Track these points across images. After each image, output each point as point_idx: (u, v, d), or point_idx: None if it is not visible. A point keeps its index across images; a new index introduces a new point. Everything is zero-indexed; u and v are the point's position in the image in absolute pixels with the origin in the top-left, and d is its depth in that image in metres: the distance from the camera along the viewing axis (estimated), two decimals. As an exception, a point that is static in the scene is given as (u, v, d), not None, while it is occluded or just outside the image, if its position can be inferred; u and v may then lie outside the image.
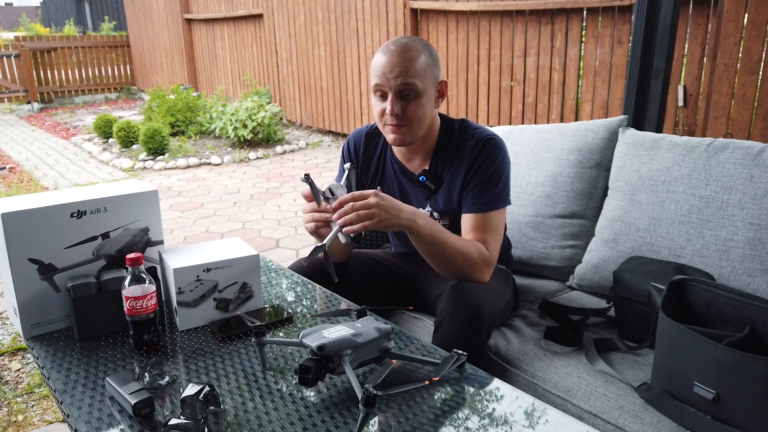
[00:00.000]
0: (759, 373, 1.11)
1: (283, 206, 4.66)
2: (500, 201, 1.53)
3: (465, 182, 1.54)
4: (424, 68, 1.46)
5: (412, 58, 1.45)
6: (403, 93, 1.46)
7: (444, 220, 1.60)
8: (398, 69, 1.43)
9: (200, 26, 9.38)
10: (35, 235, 1.26)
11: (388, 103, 1.46)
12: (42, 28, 17.88)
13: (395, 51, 1.45)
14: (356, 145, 1.71)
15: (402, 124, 1.48)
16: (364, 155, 1.70)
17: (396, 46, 1.46)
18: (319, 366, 1.03)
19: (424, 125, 1.52)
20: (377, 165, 1.69)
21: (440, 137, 1.59)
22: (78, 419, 1.02)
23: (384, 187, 1.68)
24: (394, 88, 1.45)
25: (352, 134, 1.73)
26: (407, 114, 1.47)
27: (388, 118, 1.48)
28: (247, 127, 6.47)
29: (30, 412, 2.12)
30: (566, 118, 4.55)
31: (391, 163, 1.66)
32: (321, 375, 1.04)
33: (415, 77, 1.44)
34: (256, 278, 1.38)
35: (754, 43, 3.44)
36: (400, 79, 1.44)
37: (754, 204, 1.53)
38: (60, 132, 8.32)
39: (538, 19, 4.56)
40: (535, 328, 1.61)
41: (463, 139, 1.56)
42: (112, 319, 1.28)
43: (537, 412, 1.02)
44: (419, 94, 1.46)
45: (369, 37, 6.13)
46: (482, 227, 1.51)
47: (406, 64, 1.44)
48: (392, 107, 1.45)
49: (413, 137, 1.51)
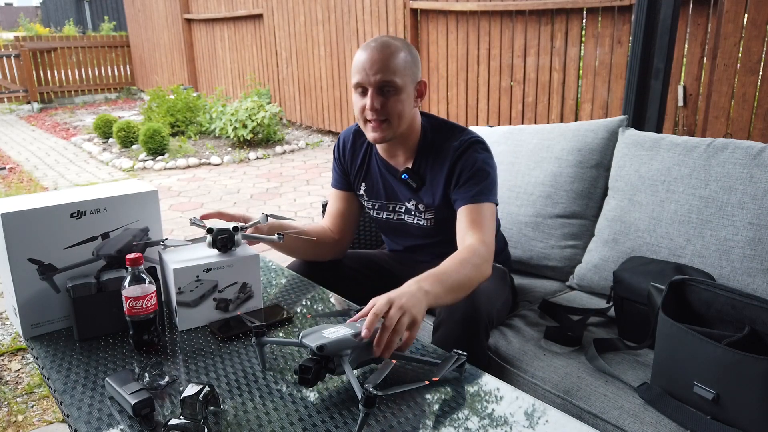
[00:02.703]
0: (759, 373, 1.11)
1: (283, 206, 4.66)
2: (490, 195, 1.52)
3: (448, 181, 1.55)
4: (403, 66, 1.48)
5: (392, 55, 1.46)
6: (383, 89, 1.47)
7: (429, 213, 1.62)
8: (378, 65, 1.45)
9: (200, 26, 9.38)
10: (35, 235, 1.26)
11: (368, 98, 1.48)
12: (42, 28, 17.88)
13: (375, 48, 1.47)
14: (345, 141, 1.73)
15: (382, 119, 1.49)
16: (351, 151, 1.71)
17: (376, 43, 1.48)
18: (319, 366, 1.03)
19: (403, 122, 1.52)
20: (362, 161, 1.70)
21: (423, 136, 1.60)
22: (78, 419, 1.02)
23: (369, 183, 1.69)
24: (374, 84, 1.46)
25: (344, 131, 1.75)
26: (387, 109, 1.48)
27: (368, 114, 1.49)
28: (247, 127, 6.47)
29: (30, 412, 2.12)
30: (566, 118, 4.55)
31: (376, 160, 1.67)
32: (321, 375, 1.04)
33: (395, 74, 1.46)
34: (256, 278, 1.38)
35: (753, 43, 3.44)
36: (380, 75, 1.45)
37: (754, 204, 1.53)
38: (60, 132, 8.32)
39: (537, 19, 4.56)
40: (535, 328, 1.61)
41: (448, 139, 1.57)
42: (112, 319, 1.28)
43: (537, 412, 1.02)
44: (398, 90, 1.48)
45: (369, 38, 6.12)
46: (476, 218, 1.49)
47: (386, 61, 1.46)
48: (372, 102, 1.47)
49: (393, 134, 1.52)
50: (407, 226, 1.69)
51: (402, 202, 1.66)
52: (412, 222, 1.67)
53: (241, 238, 1.38)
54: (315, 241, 1.62)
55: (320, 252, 1.69)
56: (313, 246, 1.64)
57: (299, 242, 1.60)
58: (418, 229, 1.66)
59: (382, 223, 1.74)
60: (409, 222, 1.68)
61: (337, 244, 1.72)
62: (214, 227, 1.35)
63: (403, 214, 1.68)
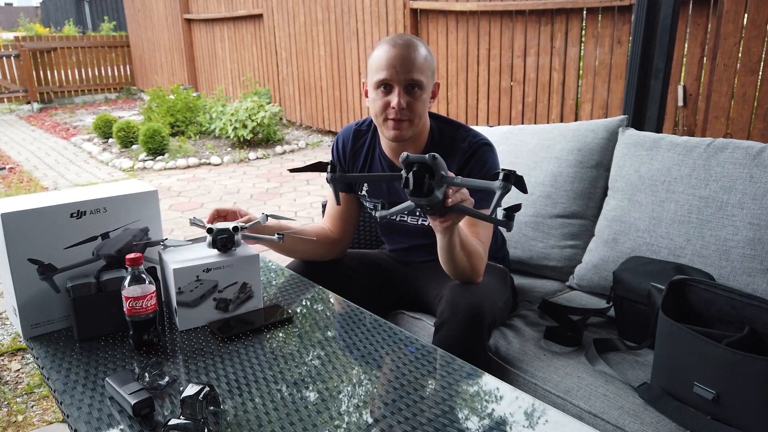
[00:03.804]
0: (759, 373, 1.11)
1: (283, 206, 4.66)
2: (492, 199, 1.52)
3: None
4: (427, 65, 1.48)
5: (419, 54, 1.46)
6: (410, 87, 1.46)
7: None
8: (408, 64, 1.44)
9: (200, 26, 9.38)
10: (35, 235, 1.26)
11: (394, 95, 1.46)
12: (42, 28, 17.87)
13: (403, 45, 1.46)
14: (344, 141, 1.72)
15: (404, 119, 1.48)
16: (351, 151, 1.70)
17: (402, 40, 1.47)
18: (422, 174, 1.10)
19: (422, 122, 1.53)
20: (364, 161, 1.69)
21: (431, 136, 1.60)
22: (78, 419, 1.02)
23: (371, 183, 1.69)
24: (402, 81, 1.45)
25: (342, 130, 1.74)
26: (412, 108, 1.47)
27: (391, 112, 1.47)
28: (247, 127, 6.47)
29: (30, 412, 2.12)
30: (566, 118, 4.55)
31: (380, 160, 1.66)
32: (430, 185, 1.09)
33: (422, 73, 1.46)
34: (256, 278, 1.38)
35: (753, 43, 3.44)
36: (410, 73, 1.44)
37: (753, 204, 1.53)
38: (60, 132, 8.32)
39: (537, 19, 4.56)
40: (534, 328, 1.61)
41: (455, 139, 1.57)
42: (112, 320, 1.28)
43: (537, 412, 1.02)
44: (423, 89, 1.48)
45: (369, 38, 6.13)
46: (476, 223, 1.50)
47: (415, 59, 1.45)
48: (399, 100, 1.45)
49: (412, 133, 1.52)
50: (409, 227, 1.69)
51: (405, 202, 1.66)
52: (415, 223, 1.67)
53: (241, 238, 1.38)
54: (315, 241, 1.62)
55: (320, 252, 1.69)
56: (312, 246, 1.63)
57: (299, 242, 1.60)
58: (420, 230, 1.66)
59: (384, 223, 1.74)
60: (411, 223, 1.68)
61: (337, 244, 1.72)
62: (214, 227, 1.35)
63: (405, 214, 1.67)
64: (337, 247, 1.72)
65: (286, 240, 1.55)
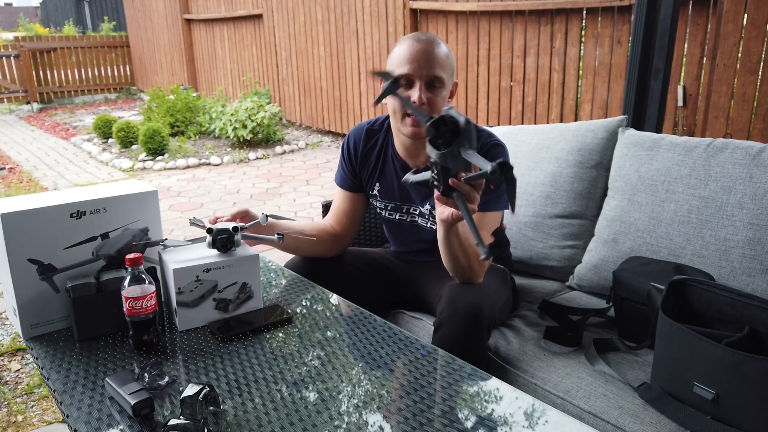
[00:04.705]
0: (759, 373, 1.11)
1: (283, 206, 4.66)
2: (500, 202, 1.53)
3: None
4: (448, 63, 1.49)
5: (441, 51, 1.47)
6: (431, 83, 1.46)
7: None
8: (432, 60, 1.45)
9: (200, 26, 9.38)
10: (35, 235, 1.26)
11: (415, 90, 1.45)
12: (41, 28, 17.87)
13: (426, 41, 1.46)
14: (356, 140, 1.71)
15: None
16: (363, 152, 1.70)
17: (425, 37, 1.48)
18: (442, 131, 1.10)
19: None
20: (377, 161, 1.68)
21: None
22: (78, 419, 1.02)
23: (383, 184, 1.68)
24: (425, 77, 1.45)
25: (352, 129, 1.73)
26: (433, 104, 1.47)
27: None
28: (247, 127, 6.47)
29: (30, 412, 2.11)
30: (566, 118, 4.55)
31: (393, 160, 1.65)
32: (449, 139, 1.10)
33: (444, 70, 1.47)
34: (255, 278, 1.38)
35: (753, 44, 3.45)
36: (432, 69, 1.45)
37: (753, 204, 1.53)
38: (59, 132, 8.32)
39: (537, 20, 4.56)
40: (534, 328, 1.61)
41: None
42: (112, 320, 1.28)
43: (537, 412, 1.02)
44: (444, 86, 1.48)
45: (369, 38, 6.13)
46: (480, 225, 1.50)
47: (436, 55, 1.46)
48: (421, 95, 1.45)
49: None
50: (419, 229, 1.68)
51: (416, 204, 1.65)
52: (425, 225, 1.66)
53: (240, 238, 1.38)
54: (315, 240, 1.62)
55: (321, 250, 1.69)
56: (313, 245, 1.64)
57: (299, 241, 1.60)
58: (430, 232, 1.66)
59: (394, 224, 1.73)
60: (422, 225, 1.67)
61: (339, 241, 1.72)
62: (214, 227, 1.35)
63: (416, 216, 1.67)
64: (338, 244, 1.73)
65: (287, 240, 1.55)
